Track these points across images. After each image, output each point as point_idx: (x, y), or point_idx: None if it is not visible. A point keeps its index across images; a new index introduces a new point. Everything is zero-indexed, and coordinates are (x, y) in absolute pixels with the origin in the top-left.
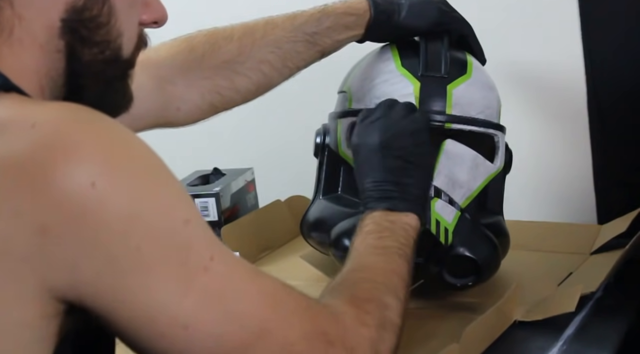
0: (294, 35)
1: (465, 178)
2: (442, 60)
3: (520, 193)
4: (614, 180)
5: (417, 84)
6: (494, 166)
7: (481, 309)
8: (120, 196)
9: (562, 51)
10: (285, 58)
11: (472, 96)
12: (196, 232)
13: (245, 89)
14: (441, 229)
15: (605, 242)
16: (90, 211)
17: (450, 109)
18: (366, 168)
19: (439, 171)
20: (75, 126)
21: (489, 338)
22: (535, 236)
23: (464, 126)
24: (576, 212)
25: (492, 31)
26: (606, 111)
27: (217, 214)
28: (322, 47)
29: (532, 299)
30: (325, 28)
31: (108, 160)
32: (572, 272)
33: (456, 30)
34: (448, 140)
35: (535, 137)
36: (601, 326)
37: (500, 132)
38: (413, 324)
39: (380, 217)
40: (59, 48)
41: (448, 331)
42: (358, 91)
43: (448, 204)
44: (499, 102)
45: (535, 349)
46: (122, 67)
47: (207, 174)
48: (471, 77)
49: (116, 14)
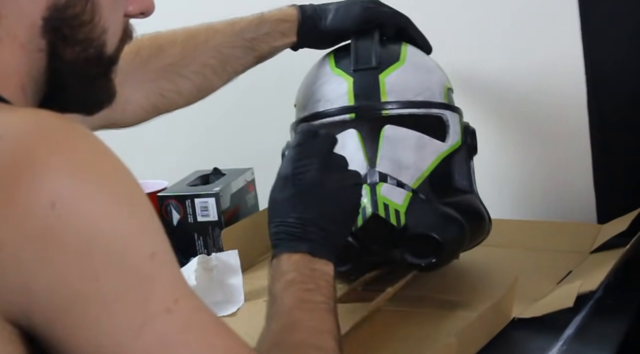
0: (234, 40)
1: (412, 159)
2: (372, 53)
3: (520, 192)
4: (614, 179)
5: (350, 80)
6: (444, 144)
7: (480, 307)
8: (81, 220)
9: (562, 51)
10: (225, 62)
11: (407, 80)
12: (162, 269)
13: (187, 91)
14: (391, 211)
15: (605, 241)
16: (48, 233)
17: (385, 97)
18: (296, 203)
19: (381, 156)
20: (43, 142)
21: (487, 335)
22: (535, 234)
23: (402, 110)
24: (576, 212)
25: (492, 31)
26: (606, 111)
27: (217, 214)
28: (259, 52)
29: (531, 297)
30: (262, 34)
31: (72, 181)
32: (572, 271)
33: (389, 24)
34: (387, 126)
35: (536, 136)
36: (601, 326)
37: (449, 111)
38: (411, 324)
39: (301, 264)
40: (41, 47)
41: (446, 329)
42: (302, 99)
43: (396, 186)
44: (443, 83)
45: (535, 349)
46: (106, 65)
47: (207, 174)
48: (404, 63)
49: (100, 11)
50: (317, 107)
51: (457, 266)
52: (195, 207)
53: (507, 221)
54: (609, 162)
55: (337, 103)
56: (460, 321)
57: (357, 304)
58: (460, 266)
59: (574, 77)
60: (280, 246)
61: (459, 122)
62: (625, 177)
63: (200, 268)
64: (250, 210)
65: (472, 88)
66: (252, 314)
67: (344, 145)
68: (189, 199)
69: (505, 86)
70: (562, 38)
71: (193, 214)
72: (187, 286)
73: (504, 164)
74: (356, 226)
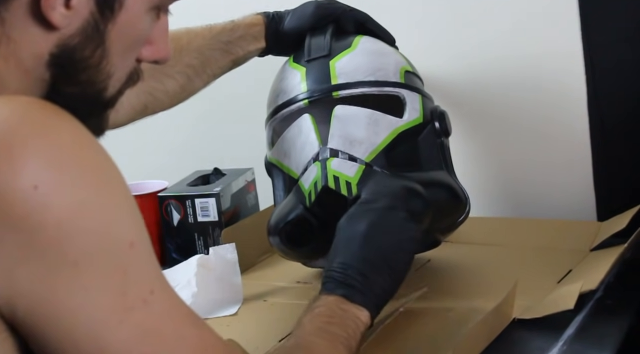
0: (212, 43)
1: (364, 134)
2: (324, 43)
3: (521, 190)
4: (614, 177)
5: (303, 70)
6: (400, 120)
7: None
8: (63, 203)
9: (562, 51)
10: (206, 64)
11: (357, 63)
12: (140, 259)
13: (173, 91)
14: (342, 183)
15: (605, 239)
16: (30, 215)
17: (335, 80)
18: (341, 248)
19: (332, 134)
20: (26, 126)
21: (487, 338)
22: (535, 233)
23: (352, 90)
24: (576, 210)
25: (492, 31)
26: (606, 110)
27: (217, 214)
28: (235, 56)
29: (531, 297)
30: (237, 38)
31: (54, 163)
32: (572, 269)
33: (345, 20)
34: (337, 106)
35: (536, 135)
36: (601, 326)
37: (406, 90)
38: (411, 324)
39: (333, 303)
40: (44, 78)
41: (447, 329)
42: (268, 98)
43: (347, 160)
44: (399, 65)
45: (535, 349)
46: (102, 107)
47: (207, 174)
48: (356, 49)
49: (108, 57)
50: (277, 101)
51: (457, 266)
52: (196, 207)
53: (507, 220)
54: (609, 160)
55: (293, 93)
56: (460, 321)
57: None
58: (460, 266)
59: (574, 76)
60: (322, 290)
61: (420, 101)
62: (625, 174)
63: (200, 268)
64: (250, 210)
65: (473, 87)
66: (252, 314)
67: (300, 130)
68: (189, 199)
69: (505, 85)
70: (562, 38)
71: (193, 214)
72: (163, 277)
73: (504, 162)
74: (310, 202)
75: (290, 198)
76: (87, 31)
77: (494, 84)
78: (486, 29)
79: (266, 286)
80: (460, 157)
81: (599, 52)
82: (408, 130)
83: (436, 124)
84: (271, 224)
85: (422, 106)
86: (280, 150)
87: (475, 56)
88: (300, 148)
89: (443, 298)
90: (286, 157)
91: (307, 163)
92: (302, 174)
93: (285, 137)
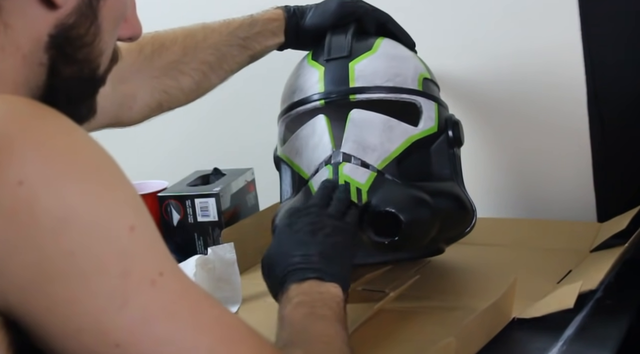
0: (229, 39)
1: (378, 141)
2: (344, 43)
3: (521, 191)
4: (614, 177)
5: (321, 69)
6: (415, 129)
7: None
8: (51, 196)
9: (562, 51)
10: (222, 60)
11: (376, 66)
12: (143, 242)
13: (188, 88)
14: (352, 189)
15: (605, 240)
16: (17, 211)
17: (353, 83)
18: (294, 246)
19: (346, 138)
20: (12, 121)
21: (486, 335)
22: (535, 233)
23: (369, 94)
24: (576, 211)
25: (492, 30)
26: (606, 109)
27: (217, 214)
28: (252, 51)
29: (531, 297)
30: (255, 33)
31: (40, 157)
32: (572, 270)
33: (367, 19)
34: (353, 110)
35: (536, 135)
36: (601, 326)
37: (423, 98)
38: (411, 324)
39: (308, 288)
40: (42, 61)
41: (446, 329)
42: (283, 93)
43: (359, 166)
44: (418, 71)
45: (535, 349)
46: (95, 85)
47: (207, 174)
48: (376, 52)
49: (101, 34)
50: (293, 98)
51: (456, 266)
52: (196, 207)
53: (506, 220)
54: (609, 160)
55: (310, 92)
56: (460, 321)
57: (357, 305)
58: (460, 266)
59: (574, 76)
60: (287, 282)
61: (436, 110)
62: (625, 175)
63: (199, 268)
64: (250, 210)
65: (472, 89)
66: (251, 314)
67: (314, 130)
68: (189, 199)
69: (505, 85)
70: (562, 37)
71: (193, 215)
72: (172, 260)
73: (504, 162)
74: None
75: (299, 198)
76: (82, 8)
77: (494, 83)
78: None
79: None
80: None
81: (599, 51)
82: (422, 139)
83: (450, 133)
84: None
85: (437, 114)
86: (292, 148)
87: (474, 54)
88: (312, 149)
89: (443, 297)
90: (297, 155)
91: (319, 165)
92: (312, 176)
93: (299, 136)
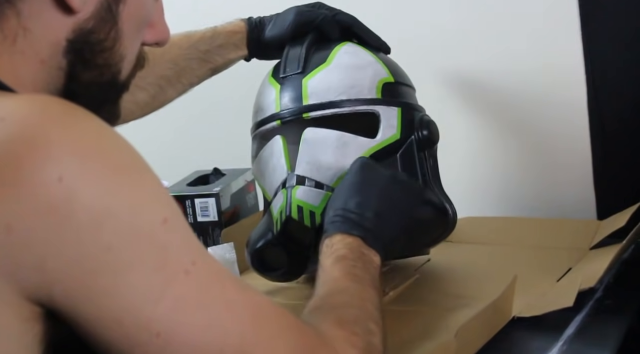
0: (189, 53)
1: (332, 159)
2: (298, 58)
3: (521, 190)
4: (614, 175)
5: (277, 87)
6: (373, 140)
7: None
8: (89, 191)
9: (562, 51)
10: (181, 74)
11: (329, 81)
12: (176, 233)
13: (143, 102)
14: (305, 213)
15: (604, 238)
16: (58, 207)
17: (306, 100)
18: (359, 190)
19: (299, 160)
20: (45, 120)
21: (486, 334)
22: (535, 232)
23: (323, 111)
24: (576, 209)
25: (492, 31)
26: (606, 109)
27: (217, 214)
28: (214, 64)
29: (531, 296)
30: (216, 46)
31: (77, 154)
32: (572, 267)
33: (327, 25)
34: (306, 129)
35: (536, 135)
36: (601, 326)
37: (382, 105)
38: (411, 323)
39: (355, 245)
40: (61, 66)
41: (445, 329)
42: (253, 110)
43: (313, 188)
44: (376, 78)
45: (535, 348)
46: (118, 91)
47: (207, 174)
48: (330, 64)
49: (121, 39)
50: (257, 117)
51: (456, 265)
52: (195, 207)
53: (507, 219)
54: (609, 159)
55: (269, 112)
56: (460, 320)
57: None
58: (459, 265)
59: (574, 76)
60: (335, 228)
61: (398, 115)
62: (625, 173)
63: None
64: (250, 210)
65: (473, 89)
66: None
67: (272, 152)
68: (189, 199)
69: (506, 85)
70: (562, 39)
71: (193, 215)
72: (202, 248)
73: (504, 162)
74: (277, 230)
75: (264, 221)
76: (101, 13)
77: (494, 83)
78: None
79: (266, 286)
80: (460, 157)
81: (599, 52)
82: (382, 149)
83: (418, 134)
84: (247, 243)
85: (400, 120)
86: (257, 169)
87: (474, 58)
88: (272, 171)
89: (443, 297)
90: (262, 177)
91: (277, 188)
92: (272, 199)
93: (261, 157)
